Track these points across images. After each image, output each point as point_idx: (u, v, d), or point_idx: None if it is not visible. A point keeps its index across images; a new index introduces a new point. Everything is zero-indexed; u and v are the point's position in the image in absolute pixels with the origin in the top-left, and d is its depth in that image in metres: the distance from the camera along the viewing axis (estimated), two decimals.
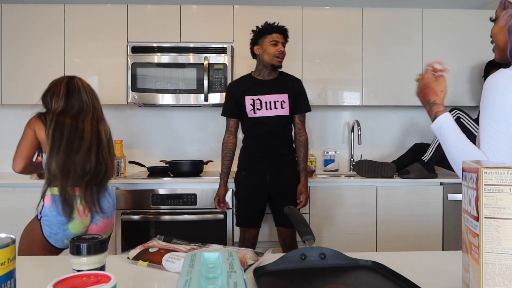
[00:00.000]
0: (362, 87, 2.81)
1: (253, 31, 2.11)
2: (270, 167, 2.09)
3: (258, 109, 2.08)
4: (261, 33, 2.05)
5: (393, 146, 3.14)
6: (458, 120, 2.39)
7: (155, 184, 2.45)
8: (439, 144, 2.39)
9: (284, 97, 2.09)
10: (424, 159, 2.45)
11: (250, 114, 2.09)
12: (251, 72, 2.19)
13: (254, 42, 2.09)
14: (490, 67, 2.59)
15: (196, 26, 2.73)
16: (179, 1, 2.79)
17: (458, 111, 2.43)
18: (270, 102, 2.08)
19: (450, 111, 2.42)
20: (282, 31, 2.07)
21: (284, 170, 2.11)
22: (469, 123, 2.38)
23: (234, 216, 2.17)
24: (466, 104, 2.83)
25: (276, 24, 2.07)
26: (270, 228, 2.44)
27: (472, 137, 2.63)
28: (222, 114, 2.18)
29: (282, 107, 2.08)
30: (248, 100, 2.09)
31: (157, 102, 2.69)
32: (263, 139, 2.09)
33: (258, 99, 2.08)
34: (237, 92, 2.11)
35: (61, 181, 1.46)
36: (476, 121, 2.38)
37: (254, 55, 2.14)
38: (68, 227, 1.50)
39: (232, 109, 2.14)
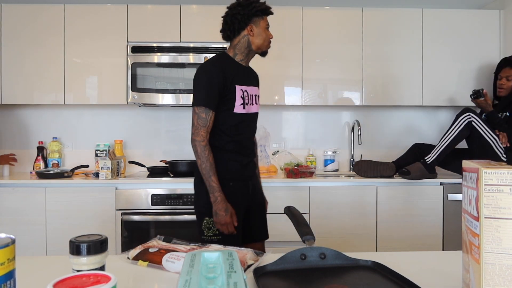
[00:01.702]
0: (362, 87, 2.81)
1: (244, 3, 1.65)
2: (252, 174, 1.76)
3: (246, 103, 1.65)
4: (259, 12, 1.66)
5: (393, 146, 3.14)
6: (469, 124, 2.32)
7: (155, 184, 2.45)
8: (445, 147, 2.37)
9: (258, 91, 1.77)
10: (427, 160, 2.43)
11: (239, 109, 1.62)
12: (226, 51, 1.72)
13: (247, 19, 1.64)
14: (504, 64, 2.58)
15: (196, 26, 2.73)
16: (179, 1, 2.79)
17: (471, 115, 2.33)
18: (253, 96, 1.71)
19: (461, 113, 2.36)
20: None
21: (257, 176, 1.82)
22: (481, 128, 2.34)
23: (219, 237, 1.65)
24: (466, 104, 2.82)
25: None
26: (270, 228, 2.43)
27: (484, 142, 2.59)
28: (204, 105, 1.57)
29: (258, 103, 1.75)
30: (238, 91, 1.62)
31: (157, 102, 2.68)
32: (247, 141, 1.72)
33: (246, 90, 1.65)
34: (227, 78, 1.59)
35: None
36: (487, 125, 2.36)
37: (233, 34, 1.68)
38: None
39: (217, 99, 1.59)
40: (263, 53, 1.73)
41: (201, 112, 1.58)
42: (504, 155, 2.34)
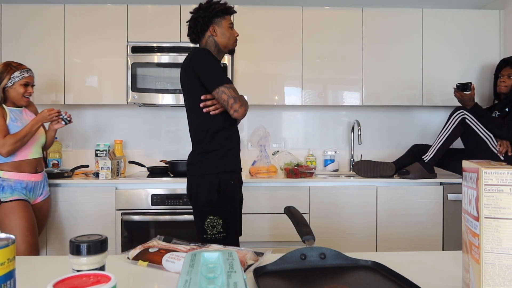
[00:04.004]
0: (362, 87, 2.81)
1: (204, 6, 1.72)
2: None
3: None
4: (219, 13, 1.72)
5: (393, 146, 3.14)
6: (463, 121, 2.35)
7: (155, 184, 2.45)
8: (441, 145, 2.39)
9: None
10: (424, 159, 2.44)
11: None
12: (204, 48, 1.74)
13: (208, 21, 1.70)
14: (504, 64, 2.58)
15: None
16: (179, 1, 2.79)
17: (464, 112, 2.36)
18: None
19: (454, 111, 2.39)
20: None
21: None
22: (475, 125, 2.35)
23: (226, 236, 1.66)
24: None
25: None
26: (270, 228, 2.44)
27: (479, 139, 2.59)
28: (229, 82, 1.63)
29: None
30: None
31: (157, 102, 2.68)
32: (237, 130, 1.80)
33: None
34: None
35: None
36: (482, 122, 2.35)
37: (198, 37, 1.74)
38: None
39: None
40: (231, 51, 1.80)
41: (230, 87, 1.62)
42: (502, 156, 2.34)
